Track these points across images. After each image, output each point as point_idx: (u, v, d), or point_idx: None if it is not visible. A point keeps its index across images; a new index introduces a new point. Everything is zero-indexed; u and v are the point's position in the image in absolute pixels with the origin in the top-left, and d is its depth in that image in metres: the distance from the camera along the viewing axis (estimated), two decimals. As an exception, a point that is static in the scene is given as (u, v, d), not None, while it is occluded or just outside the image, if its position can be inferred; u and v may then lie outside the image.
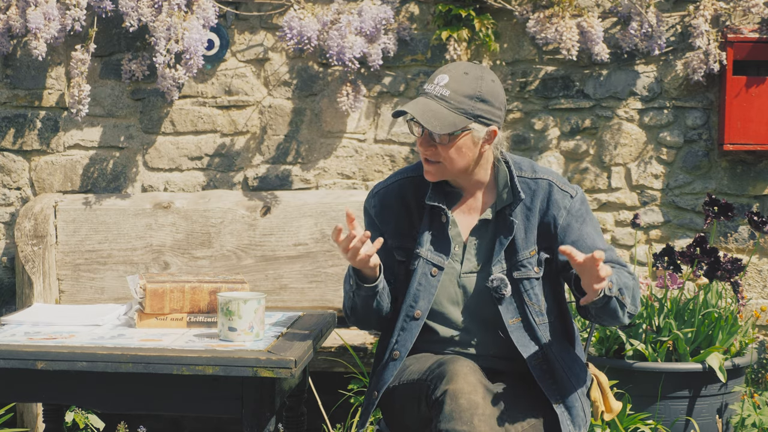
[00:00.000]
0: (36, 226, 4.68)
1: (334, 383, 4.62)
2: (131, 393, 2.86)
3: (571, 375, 2.91)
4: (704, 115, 4.87)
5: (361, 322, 2.99)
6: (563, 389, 2.88)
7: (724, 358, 4.19)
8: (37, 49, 4.52)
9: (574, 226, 2.91)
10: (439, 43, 4.83)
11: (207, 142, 4.90)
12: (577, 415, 2.88)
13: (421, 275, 2.91)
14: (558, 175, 2.99)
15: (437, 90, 2.86)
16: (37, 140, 4.89)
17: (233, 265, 4.70)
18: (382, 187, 3.02)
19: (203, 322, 3.10)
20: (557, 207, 2.92)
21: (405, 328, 2.92)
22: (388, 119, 4.89)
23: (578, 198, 2.94)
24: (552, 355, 2.90)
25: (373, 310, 2.92)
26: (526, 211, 2.92)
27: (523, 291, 2.91)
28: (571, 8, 4.69)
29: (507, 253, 2.91)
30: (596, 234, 2.93)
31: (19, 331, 3.05)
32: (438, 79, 2.87)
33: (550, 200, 2.92)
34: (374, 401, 2.91)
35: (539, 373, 2.88)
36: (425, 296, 2.91)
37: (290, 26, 4.59)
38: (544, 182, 2.94)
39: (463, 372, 2.71)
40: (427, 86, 2.89)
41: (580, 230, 2.91)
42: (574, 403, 2.88)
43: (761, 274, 4.91)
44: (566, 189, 2.94)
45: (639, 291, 2.90)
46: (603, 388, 3.06)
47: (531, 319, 2.90)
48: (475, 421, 2.64)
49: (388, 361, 2.92)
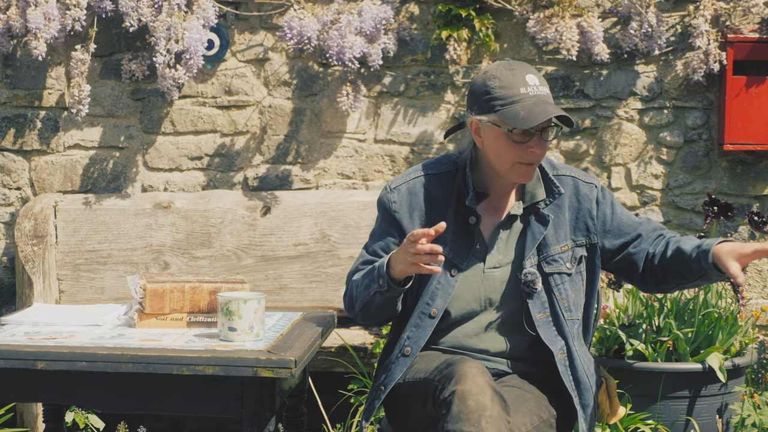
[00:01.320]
0: (36, 226, 4.68)
1: (334, 383, 4.62)
2: (131, 393, 2.86)
3: (589, 374, 2.93)
4: (704, 115, 4.87)
5: (370, 319, 2.97)
6: (582, 387, 2.90)
7: (724, 358, 4.19)
8: (37, 49, 4.52)
9: (608, 213, 2.98)
10: (439, 43, 4.83)
11: (207, 142, 4.90)
12: (591, 415, 2.89)
13: (441, 274, 2.89)
14: (575, 168, 3.03)
15: (541, 90, 2.85)
16: (37, 140, 4.89)
17: (233, 265, 4.70)
18: (402, 182, 2.98)
19: (203, 322, 3.09)
20: (588, 200, 2.97)
21: (419, 325, 2.92)
22: (388, 119, 4.89)
23: (599, 185, 3.01)
24: (575, 352, 2.91)
25: (390, 310, 2.91)
26: (555, 207, 2.94)
27: (554, 285, 2.92)
28: (571, 8, 4.69)
29: (537, 248, 2.93)
30: (627, 212, 3.02)
31: (19, 331, 3.05)
32: (529, 79, 2.85)
33: (579, 195, 2.97)
34: (381, 395, 2.91)
35: (563, 369, 2.89)
36: (443, 296, 2.90)
37: (290, 26, 4.59)
38: (568, 179, 2.98)
39: (471, 373, 2.70)
40: (528, 89, 2.83)
41: (616, 215, 2.98)
42: (589, 402, 2.90)
43: (761, 274, 4.91)
44: (589, 180, 3.00)
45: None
46: (611, 392, 3.07)
47: (560, 314, 2.91)
48: (483, 422, 2.63)
49: (398, 356, 2.92)
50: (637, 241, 2.98)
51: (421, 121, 4.89)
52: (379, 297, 2.87)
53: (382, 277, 2.83)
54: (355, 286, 2.93)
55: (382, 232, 2.98)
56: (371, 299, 2.89)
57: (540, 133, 2.84)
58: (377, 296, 2.87)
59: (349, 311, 2.99)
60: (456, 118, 4.88)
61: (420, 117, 4.89)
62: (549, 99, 2.86)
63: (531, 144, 2.84)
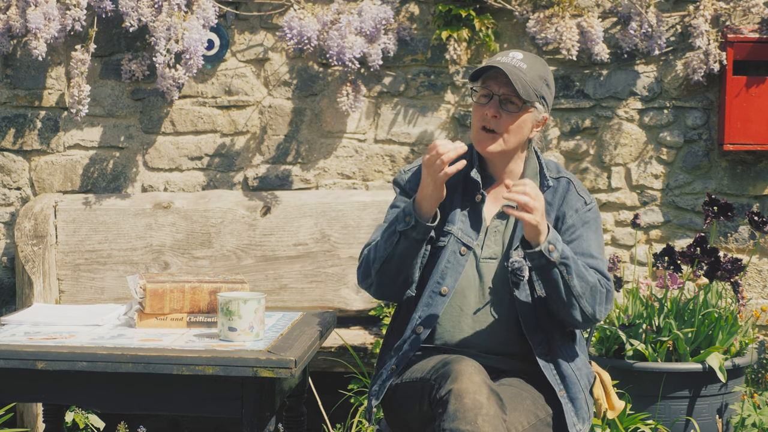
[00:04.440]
0: (36, 226, 4.68)
1: (334, 383, 4.62)
2: (131, 393, 2.86)
3: (574, 368, 2.93)
4: (704, 115, 4.86)
5: (386, 283, 2.93)
6: (567, 380, 2.91)
7: (724, 358, 4.19)
8: (37, 49, 4.52)
9: (578, 227, 2.95)
10: (439, 43, 4.83)
11: (207, 142, 4.90)
12: (581, 407, 2.89)
13: (451, 253, 2.93)
14: (580, 182, 3.05)
15: (514, 62, 2.90)
16: (37, 140, 4.89)
17: (233, 265, 4.70)
18: (414, 165, 3.04)
19: (203, 322, 3.10)
20: (569, 206, 2.97)
21: (430, 303, 2.93)
22: (388, 119, 4.89)
23: (591, 207, 2.99)
24: (555, 346, 2.92)
25: (410, 264, 2.89)
26: (546, 205, 2.95)
27: (535, 279, 2.93)
28: (571, 8, 4.69)
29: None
30: (595, 243, 2.96)
31: (19, 331, 3.05)
32: (512, 54, 2.92)
33: (565, 198, 2.98)
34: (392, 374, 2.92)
35: (544, 362, 2.90)
36: (452, 274, 2.93)
37: (290, 26, 4.59)
38: (565, 180, 3.01)
39: (468, 372, 2.71)
40: (501, 58, 2.91)
41: (580, 233, 2.95)
42: (577, 395, 2.90)
43: (761, 274, 4.91)
44: (583, 194, 3.00)
45: (603, 295, 2.89)
46: (606, 386, 3.07)
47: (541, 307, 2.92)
48: (479, 421, 2.64)
49: (411, 336, 2.94)
50: None
51: (421, 121, 4.89)
52: (403, 242, 2.85)
53: (409, 215, 2.83)
54: (374, 248, 2.93)
55: (398, 202, 3.01)
56: (393, 250, 2.86)
57: (501, 102, 2.89)
58: (401, 243, 2.85)
59: (364, 280, 2.97)
60: (456, 118, 4.88)
61: (420, 117, 4.89)
62: (518, 66, 2.89)
63: (489, 106, 2.89)
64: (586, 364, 3.01)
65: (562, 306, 2.84)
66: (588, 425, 2.93)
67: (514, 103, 2.90)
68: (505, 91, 2.89)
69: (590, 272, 2.86)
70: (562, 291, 2.81)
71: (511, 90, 2.88)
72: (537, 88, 2.90)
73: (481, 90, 2.93)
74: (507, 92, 2.89)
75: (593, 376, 3.04)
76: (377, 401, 2.94)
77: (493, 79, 2.91)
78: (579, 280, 2.82)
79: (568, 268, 2.80)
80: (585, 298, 2.83)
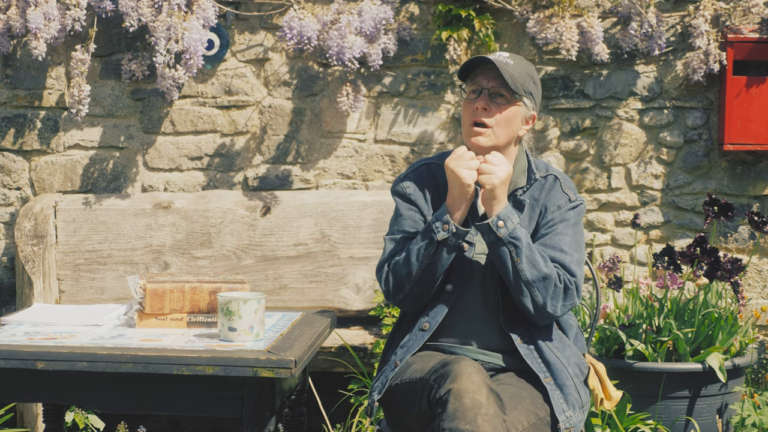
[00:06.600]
0: (36, 226, 4.68)
1: (334, 383, 4.62)
2: (131, 393, 2.86)
3: (560, 356, 2.95)
4: (704, 115, 4.87)
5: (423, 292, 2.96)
6: (552, 367, 2.92)
7: (724, 358, 4.19)
8: (37, 49, 4.52)
9: (556, 222, 2.99)
10: (439, 43, 4.83)
11: (207, 142, 4.90)
12: (570, 394, 2.90)
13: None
14: (570, 181, 3.08)
15: (501, 58, 2.96)
16: (37, 140, 4.89)
17: (233, 265, 4.70)
18: (410, 171, 3.08)
19: (203, 322, 3.10)
20: (552, 201, 3.01)
21: (436, 298, 2.97)
22: (388, 119, 4.89)
23: (575, 205, 3.01)
24: (538, 335, 2.95)
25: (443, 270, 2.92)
26: (533, 201, 3.01)
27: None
28: (571, 8, 4.69)
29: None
30: (570, 239, 2.97)
31: (19, 331, 3.05)
32: (498, 53, 2.99)
33: (550, 193, 3.02)
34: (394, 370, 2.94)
35: (526, 351, 2.93)
36: (456, 271, 2.97)
37: (290, 26, 4.59)
38: (552, 176, 3.05)
39: (467, 371, 2.72)
40: (490, 55, 2.97)
41: (557, 228, 2.98)
42: (565, 381, 2.92)
43: (761, 274, 4.91)
44: (568, 192, 3.04)
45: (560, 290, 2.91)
46: (601, 376, 3.08)
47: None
48: (479, 420, 2.65)
49: (418, 331, 2.97)
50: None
51: (421, 121, 4.89)
52: (442, 249, 2.89)
53: (446, 223, 2.88)
54: (405, 262, 2.94)
55: (404, 210, 3.04)
56: (432, 259, 2.89)
57: (490, 95, 2.94)
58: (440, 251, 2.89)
59: (395, 295, 2.99)
60: (456, 118, 4.88)
61: (420, 117, 4.89)
62: (506, 61, 2.95)
63: (479, 99, 2.94)
64: (578, 355, 3.03)
65: (513, 291, 2.89)
66: (582, 415, 2.93)
67: (503, 96, 2.95)
68: (494, 84, 2.95)
69: (548, 264, 2.89)
70: (510, 273, 2.86)
71: (500, 83, 2.94)
72: (524, 84, 2.96)
73: (470, 86, 2.99)
74: (496, 85, 2.95)
75: (586, 366, 3.05)
76: (379, 395, 2.95)
77: (481, 75, 2.97)
78: (529, 266, 2.86)
79: (518, 250, 2.84)
80: (536, 287, 2.87)
